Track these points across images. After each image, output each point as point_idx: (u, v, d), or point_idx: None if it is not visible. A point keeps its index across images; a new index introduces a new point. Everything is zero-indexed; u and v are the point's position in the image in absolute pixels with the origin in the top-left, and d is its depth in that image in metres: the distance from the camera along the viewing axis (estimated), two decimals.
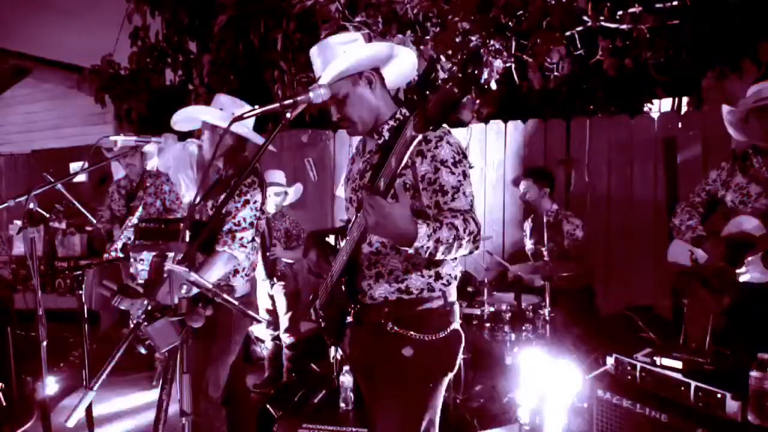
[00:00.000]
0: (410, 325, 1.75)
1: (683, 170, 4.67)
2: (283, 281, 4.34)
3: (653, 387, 2.26)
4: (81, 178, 6.96)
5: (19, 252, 6.36)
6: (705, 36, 4.78)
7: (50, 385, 3.43)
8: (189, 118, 2.67)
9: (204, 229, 1.62)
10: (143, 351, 1.75)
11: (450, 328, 1.79)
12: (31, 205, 2.43)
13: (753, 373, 1.97)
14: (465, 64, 4.90)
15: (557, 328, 3.53)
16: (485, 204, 5.38)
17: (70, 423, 1.31)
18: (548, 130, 5.18)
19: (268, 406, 3.26)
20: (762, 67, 4.56)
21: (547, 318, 3.42)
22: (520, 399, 3.12)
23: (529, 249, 4.23)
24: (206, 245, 2.40)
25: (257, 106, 1.59)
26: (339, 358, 3.36)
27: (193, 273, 1.37)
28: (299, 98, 1.55)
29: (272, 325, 4.42)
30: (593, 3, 4.34)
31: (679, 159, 4.70)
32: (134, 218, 3.98)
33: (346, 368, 3.10)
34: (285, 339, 4.35)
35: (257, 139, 2.62)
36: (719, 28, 4.69)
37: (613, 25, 4.41)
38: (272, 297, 4.39)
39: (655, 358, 2.31)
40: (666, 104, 6.51)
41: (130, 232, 3.86)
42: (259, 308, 4.32)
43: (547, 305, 3.44)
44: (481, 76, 4.80)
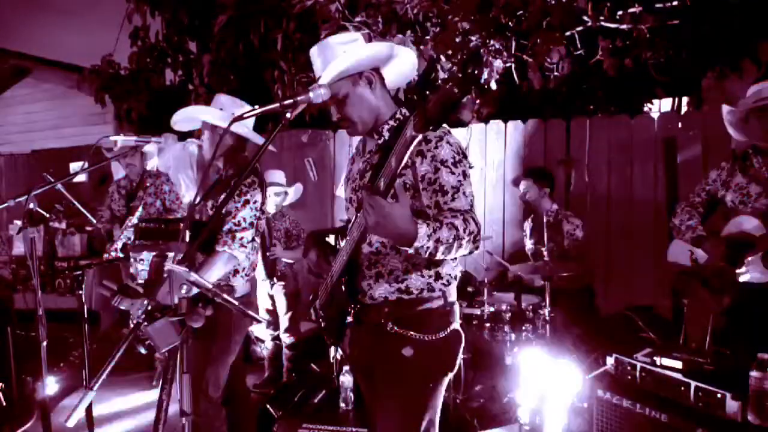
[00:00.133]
0: (410, 325, 1.75)
1: (683, 170, 4.67)
2: (283, 281, 4.34)
3: (653, 387, 2.26)
4: (81, 178, 6.96)
5: (19, 252, 6.36)
6: (705, 36, 4.78)
7: (50, 385, 3.42)
8: (189, 118, 2.67)
9: (204, 229, 1.62)
10: (143, 351, 1.75)
11: (450, 328, 1.79)
12: (31, 205, 2.43)
13: (753, 373, 1.97)
14: (465, 64, 4.90)
15: (557, 328, 3.52)
16: (485, 204, 5.37)
17: (70, 423, 1.31)
18: (548, 130, 5.18)
19: (268, 406, 3.26)
20: (762, 67, 4.56)
21: (547, 318, 3.42)
22: (520, 399, 3.12)
23: (529, 249, 4.23)
24: (206, 245, 2.40)
25: (257, 106, 1.59)
26: (339, 358, 3.36)
27: (193, 273, 1.37)
28: (299, 98, 1.55)
29: (272, 325, 4.42)
30: (593, 3, 4.34)
31: (679, 159, 4.70)
32: (134, 218, 3.98)
33: (346, 368, 3.10)
34: (285, 339, 4.35)
35: (257, 139, 2.62)
36: (719, 28, 4.69)
37: (613, 25, 4.41)
38: (272, 297, 4.39)
39: (655, 358, 2.31)
40: (666, 104, 6.51)
41: (130, 232, 3.86)
42: (259, 308, 4.32)
43: (547, 305, 3.44)
44: (481, 76, 4.80)
